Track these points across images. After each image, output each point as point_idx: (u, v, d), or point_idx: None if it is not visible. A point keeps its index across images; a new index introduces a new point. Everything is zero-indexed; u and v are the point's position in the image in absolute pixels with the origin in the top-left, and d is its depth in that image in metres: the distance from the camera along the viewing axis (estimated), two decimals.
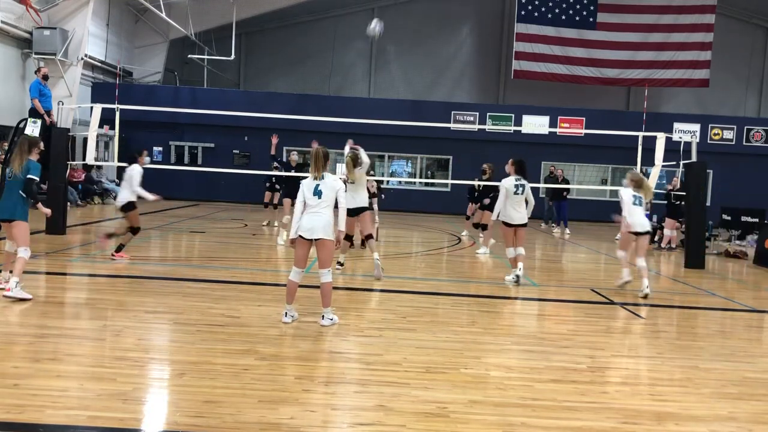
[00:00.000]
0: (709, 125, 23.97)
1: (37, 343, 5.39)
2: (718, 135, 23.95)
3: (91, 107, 12.85)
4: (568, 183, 19.33)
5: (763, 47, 28.27)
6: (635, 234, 9.18)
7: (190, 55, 25.58)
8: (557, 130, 23.21)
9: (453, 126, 22.63)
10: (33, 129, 12.33)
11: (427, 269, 10.98)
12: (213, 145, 23.86)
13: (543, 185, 20.88)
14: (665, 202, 15.30)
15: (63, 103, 16.50)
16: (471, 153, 22.55)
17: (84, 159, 16.36)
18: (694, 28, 25.86)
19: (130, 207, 9.59)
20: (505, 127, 22.80)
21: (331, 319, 6.43)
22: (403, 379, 4.92)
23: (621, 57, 26.01)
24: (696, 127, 23.36)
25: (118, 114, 12.44)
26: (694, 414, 4.55)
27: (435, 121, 20.48)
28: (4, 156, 13.28)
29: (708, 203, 16.55)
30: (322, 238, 6.28)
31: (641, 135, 12.87)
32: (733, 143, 23.96)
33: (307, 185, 6.40)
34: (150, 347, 5.56)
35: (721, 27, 26.29)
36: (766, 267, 12.84)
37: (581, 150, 23.45)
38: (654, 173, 12.61)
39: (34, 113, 13.22)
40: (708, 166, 13.65)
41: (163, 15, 20.99)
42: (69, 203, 14.80)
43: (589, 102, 26.26)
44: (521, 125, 23.28)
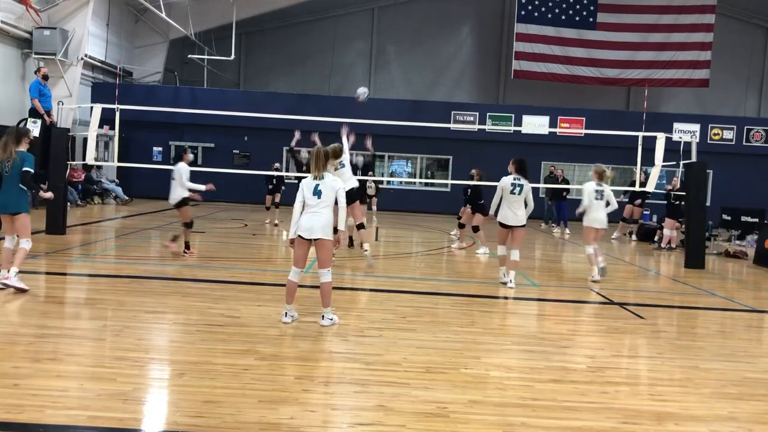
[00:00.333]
0: (709, 125, 23.96)
1: (37, 343, 5.39)
2: (718, 135, 23.94)
3: (91, 107, 12.84)
4: (568, 183, 19.33)
5: (763, 47, 28.27)
6: (595, 229, 9.95)
7: (190, 55, 25.58)
8: (557, 130, 23.20)
9: (453, 126, 22.63)
10: (33, 129, 12.33)
11: (427, 269, 10.98)
12: (213, 145, 23.85)
13: (543, 185, 20.89)
14: (665, 202, 15.30)
15: (63, 103, 16.52)
16: (471, 153, 22.57)
17: (84, 159, 16.36)
18: (694, 28, 25.86)
19: (183, 203, 10.31)
20: (505, 127, 22.79)
21: (331, 319, 6.43)
22: (403, 379, 4.92)
23: (621, 57, 26.01)
24: (696, 127, 23.36)
25: (118, 114, 12.43)
26: (694, 414, 4.55)
27: (435, 121, 20.48)
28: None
29: (708, 203, 16.55)
30: (321, 238, 6.28)
31: (641, 135, 12.87)
32: (733, 143, 23.95)
33: (307, 185, 6.39)
34: (150, 347, 5.55)
35: (721, 27, 26.29)
36: (766, 267, 12.85)
37: (581, 150, 23.43)
38: (654, 173, 12.60)
39: (34, 113, 13.23)
40: (708, 166, 13.65)
41: (163, 15, 20.99)
42: (69, 203, 14.80)
43: (589, 102, 26.26)
44: (521, 125, 23.27)
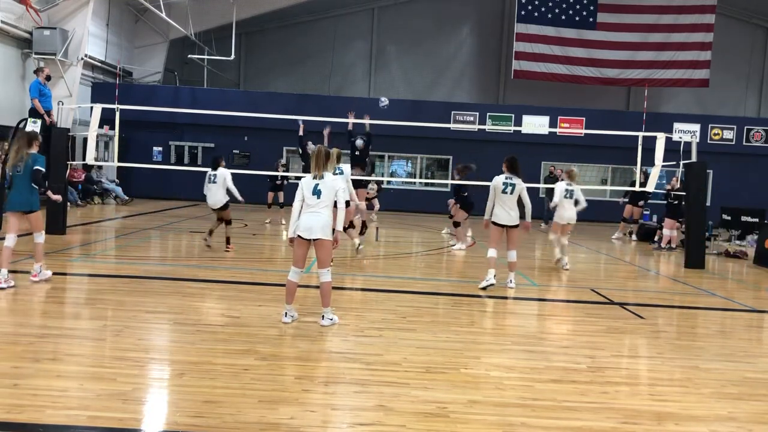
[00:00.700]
0: (709, 125, 23.96)
1: (37, 343, 5.39)
2: (718, 135, 23.94)
3: (91, 107, 12.85)
4: None
5: (763, 47, 28.27)
6: (562, 225, 11.27)
7: (190, 55, 25.57)
8: (557, 130, 23.20)
9: (453, 126, 22.62)
10: (33, 129, 12.33)
11: (427, 269, 10.98)
12: (213, 145, 23.84)
13: (543, 185, 20.88)
14: (665, 202, 15.30)
15: (63, 103, 16.50)
16: (471, 153, 22.50)
17: (84, 159, 16.36)
18: (694, 28, 25.86)
19: (227, 206, 11.28)
20: (505, 127, 22.79)
21: (331, 319, 6.43)
22: (403, 379, 4.92)
23: (621, 57, 26.01)
24: (696, 127, 23.35)
25: (118, 114, 12.44)
26: (694, 414, 4.55)
27: (435, 121, 20.47)
28: (4, 156, 13.29)
29: (708, 203, 16.54)
30: (320, 238, 6.28)
31: (641, 135, 12.87)
32: (733, 143, 23.95)
33: (306, 184, 6.38)
34: (150, 347, 5.56)
35: (721, 27, 26.29)
36: (766, 267, 12.85)
37: (581, 150, 23.44)
38: (654, 173, 12.61)
39: (34, 113, 13.23)
40: (708, 166, 13.65)
41: (163, 15, 20.99)
42: (69, 203, 14.80)
43: (589, 102, 26.26)
44: (521, 125, 23.27)
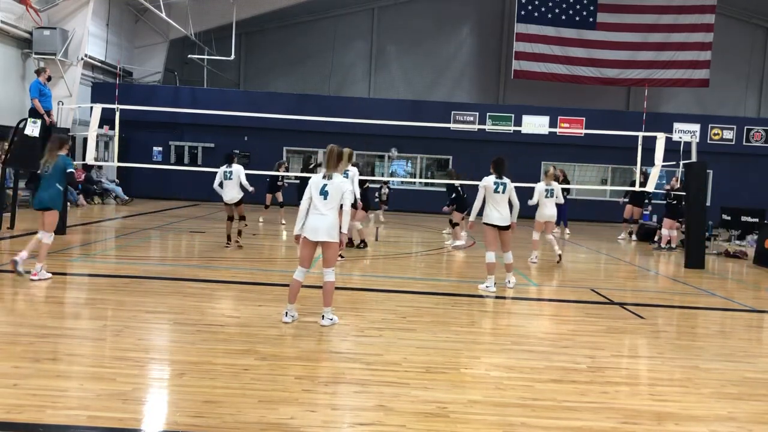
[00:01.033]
0: (709, 125, 23.97)
1: (37, 343, 5.39)
2: (718, 135, 23.95)
3: (91, 107, 12.84)
4: (568, 183, 19.31)
5: (763, 47, 28.28)
6: (543, 223, 11.77)
7: (190, 55, 25.58)
8: (557, 130, 23.20)
9: (453, 126, 22.63)
10: (33, 129, 12.32)
11: (427, 269, 10.98)
12: (213, 145, 23.85)
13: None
14: (665, 202, 15.30)
15: (63, 103, 16.52)
16: (471, 153, 22.58)
17: (84, 159, 16.36)
18: (694, 28, 25.87)
19: (241, 201, 11.75)
20: (505, 127, 22.79)
21: (331, 320, 6.43)
22: (403, 379, 4.92)
23: (621, 57, 26.02)
24: (696, 127, 23.36)
25: (118, 114, 12.43)
26: (694, 414, 4.55)
27: (435, 121, 20.49)
28: (4, 156, 13.28)
29: (708, 203, 16.55)
30: (326, 241, 6.30)
31: (641, 135, 12.87)
32: (733, 143, 23.96)
33: (315, 183, 6.39)
34: (150, 347, 5.55)
35: (721, 27, 26.30)
36: (766, 267, 12.85)
37: (581, 150, 23.45)
38: (654, 173, 12.60)
39: (34, 113, 13.20)
40: (708, 166, 13.65)
41: (163, 15, 20.99)
42: (69, 203, 14.80)
43: (589, 102, 26.27)
44: (521, 125, 23.27)
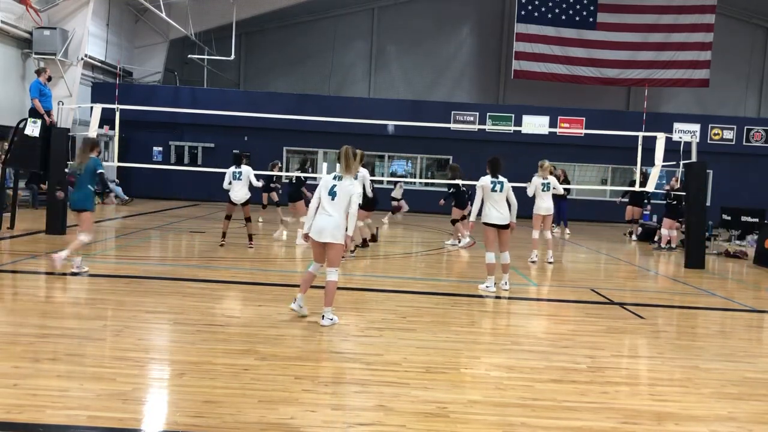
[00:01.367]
0: (709, 125, 23.97)
1: (37, 343, 5.39)
2: (718, 135, 23.95)
3: (91, 107, 12.85)
4: (569, 183, 19.30)
5: (763, 47, 28.28)
6: (542, 216, 11.73)
7: (190, 55, 25.59)
8: (557, 130, 23.21)
9: (453, 126, 22.63)
10: (33, 129, 12.32)
11: (427, 269, 10.98)
12: (213, 145, 23.86)
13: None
14: (665, 202, 15.30)
15: (63, 103, 16.50)
16: (471, 153, 22.56)
17: None
18: (694, 28, 25.87)
19: (248, 201, 11.84)
20: (505, 127, 22.80)
21: (331, 320, 6.43)
22: (403, 379, 4.92)
23: (621, 57, 26.02)
24: (696, 127, 23.36)
25: (118, 114, 12.44)
26: (694, 414, 4.55)
27: (435, 121, 20.49)
28: (4, 156, 13.28)
29: (708, 203, 16.55)
30: (330, 242, 6.35)
31: (641, 135, 12.87)
32: (733, 143, 23.96)
33: (325, 183, 6.45)
34: (150, 347, 5.56)
35: (721, 27, 26.30)
36: (766, 267, 12.85)
37: (581, 150, 23.45)
38: (654, 173, 12.61)
39: (34, 113, 13.21)
40: (708, 166, 13.64)
41: (163, 15, 20.99)
42: (69, 203, 14.78)
43: (589, 102, 26.27)
44: (521, 125, 23.28)
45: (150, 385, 4.70)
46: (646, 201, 16.98)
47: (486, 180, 8.79)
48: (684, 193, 13.05)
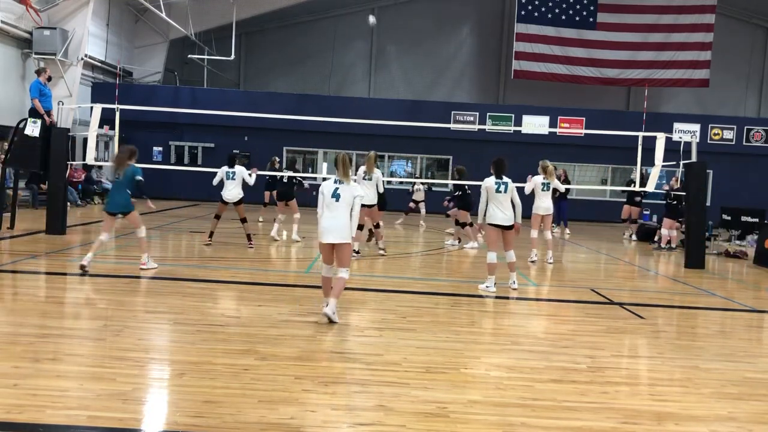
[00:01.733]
0: (709, 125, 23.96)
1: (37, 343, 5.39)
2: (718, 135, 23.95)
3: (91, 107, 12.85)
4: (569, 183, 19.30)
5: (763, 47, 28.27)
6: (541, 216, 11.76)
7: (190, 55, 25.57)
8: (557, 130, 23.20)
9: (453, 126, 22.63)
10: (33, 129, 12.32)
11: (427, 269, 10.98)
12: (213, 145, 23.85)
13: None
14: (665, 202, 15.30)
15: (63, 103, 16.50)
16: (471, 153, 22.55)
17: (84, 159, 16.36)
18: (694, 28, 25.86)
19: (241, 201, 11.94)
20: (505, 127, 22.79)
21: (333, 313, 6.46)
22: (403, 379, 4.92)
23: (621, 57, 26.01)
24: (696, 127, 23.36)
25: (118, 114, 12.44)
26: (694, 414, 4.55)
27: (435, 121, 20.47)
28: (4, 156, 13.28)
29: (708, 203, 16.54)
30: (338, 243, 6.48)
31: (641, 135, 12.87)
32: (733, 143, 23.96)
33: (327, 188, 6.61)
34: (150, 347, 5.56)
35: (721, 27, 26.29)
36: (766, 267, 12.85)
37: (581, 150, 23.44)
38: (654, 173, 12.60)
39: (34, 113, 13.21)
40: (708, 166, 13.64)
41: (163, 15, 20.98)
42: (69, 203, 14.80)
43: (589, 102, 26.26)
44: (521, 125, 23.27)
45: (150, 385, 4.70)
46: (638, 198, 16.92)
47: (490, 181, 8.82)
48: (684, 193, 13.05)
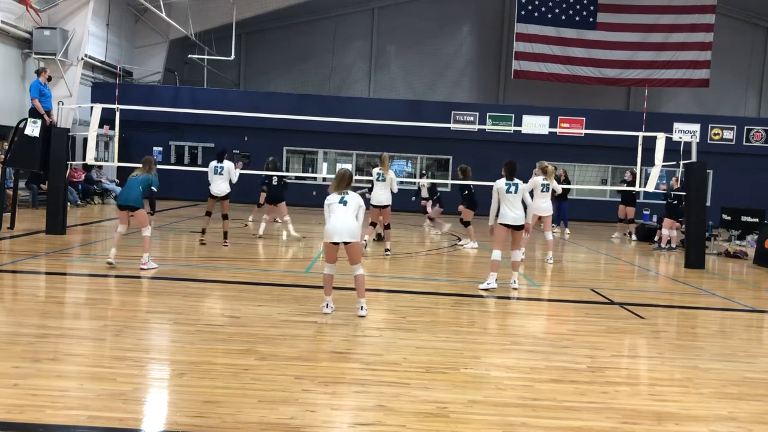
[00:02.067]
0: (709, 125, 23.97)
1: (37, 343, 5.39)
2: (718, 135, 23.95)
3: (91, 107, 12.84)
4: (569, 183, 19.29)
5: (763, 47, 28.28)
6: (539, 217, 11.72)
7: (190, 55, 25.56)
8: (557, 130, 23.21)
9: (453, 126, 22.64)
10: (33, 129, 12.32)
11: (427, 269, 10.98)
12: (213, 145, 23.83)
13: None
14: (665, 202, 15.30)
15: (63, 103, 16.49)
16: (471, 153, 22.55)
17: (84, 159, 16.36)
18: (694, 28, 25.87)
19: (228, 196, 12.00)
20: (505, 127, 22.80)
21: (365, 310, 6.89)
22: (403, 379, 4.92)
23: (621, 57, 26.02)
24: (696, 127, 23.36)
25: (118, 114, 12.43)
26: (694, 414, 4.55)
27: (435, 121, 20.49)
28: (4, 156, 13.28)
29: (708, 203, 16.54)
30: (349, 241, 6.77)
31: (641, 135, 12.87)
32: (733, 143, 23.96)
33: (332, 199, 6.91)
34: (150, 347, 5.56)
35: (721, 27, 26.30)
36: (766, 267, 12.84)
37: (581, 150, 23.44)
38: (654, 173, 12.60)
39: (34, 113, 13.21)
40: (708, 166, 13.64)
41: (163, 15, 20.98)
42: (69, 203, 14.80)
43: (589, 102, 26.27)
44: (521, 125, 23.28)
45: (150, 385, 4.70)
46: (632, 194, 16.91)
47: (500, 183, 8.94)
48: (684, 193, 13.05)
